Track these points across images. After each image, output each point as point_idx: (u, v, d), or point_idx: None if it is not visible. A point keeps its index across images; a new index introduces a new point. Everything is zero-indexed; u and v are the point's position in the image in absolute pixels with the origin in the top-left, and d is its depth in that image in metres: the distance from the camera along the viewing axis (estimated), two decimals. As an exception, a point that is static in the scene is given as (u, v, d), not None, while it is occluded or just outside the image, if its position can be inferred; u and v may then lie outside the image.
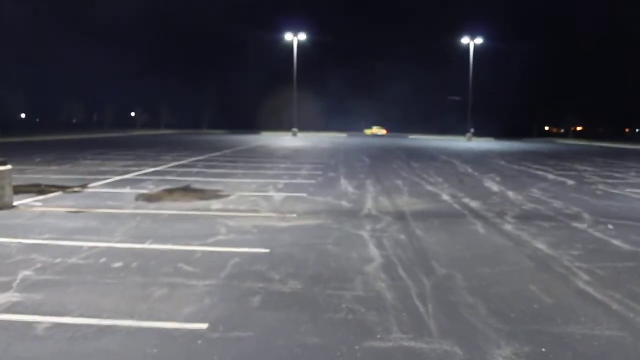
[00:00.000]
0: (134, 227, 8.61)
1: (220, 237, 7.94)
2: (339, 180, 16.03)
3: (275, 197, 12.14)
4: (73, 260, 6.56)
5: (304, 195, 12.62)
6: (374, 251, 7.32)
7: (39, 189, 12.71)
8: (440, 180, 16.64)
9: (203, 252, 7.03)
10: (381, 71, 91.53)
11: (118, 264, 6.40)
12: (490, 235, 8.60)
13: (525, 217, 10.20)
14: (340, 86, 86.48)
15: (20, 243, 7.39)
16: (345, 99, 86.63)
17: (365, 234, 8.38)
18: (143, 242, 7.49)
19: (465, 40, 62.54)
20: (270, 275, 6.09)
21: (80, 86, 72.46)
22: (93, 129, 70.30)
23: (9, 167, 10.11)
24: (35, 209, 10.10)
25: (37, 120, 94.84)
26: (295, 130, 62.81)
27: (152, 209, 10.27)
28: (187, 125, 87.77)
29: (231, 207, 10.73)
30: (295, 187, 14.15)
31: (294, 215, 9.89)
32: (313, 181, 15.52)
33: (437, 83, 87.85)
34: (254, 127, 76.32)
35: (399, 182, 15.69)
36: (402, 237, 8.26)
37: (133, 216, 9.52)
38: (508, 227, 9.19)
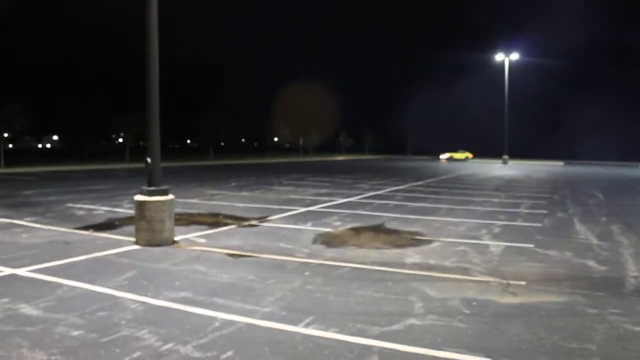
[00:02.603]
0: (297, 287, 6.26)
1: (412, 321, 5.15)
2: (573, 223, 12.12)
3: (491, 248, 8.98)
4: (187, 348, 4.34)
5: (530, 245, 9.23)
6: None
7: (213, 220, 11.30)
8: None
9: (381, 353, 4.33)
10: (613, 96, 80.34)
11: (244, 369, 4.00)
12: None
13: None
14: (557, 111, 77.92)
15: (143, 304, 5.48)
16: (561, 125, 77.32)
17: (655, 335, 4.91)
18: (297, 322, 5.04)
19: None
20: None
21: (288, 113, 75.66)
22: (298, 152, 72.84)
23: (170, 197, 8.57)
24: (194, 248, 8.42)
25: (255, 144, 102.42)
26: (505, 157, 57.40)
27: (328, 258, 7.89)
28: (391, 150, 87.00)
29: (432, 261, 7.87)
30: (516, 231, 10.75)
31: (522, 283, 6.69)
32: (538, 224, 11.87)
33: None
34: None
35: (662, 230, 11.30)
36: None
37: (302, 268, 7.24)
38: None
